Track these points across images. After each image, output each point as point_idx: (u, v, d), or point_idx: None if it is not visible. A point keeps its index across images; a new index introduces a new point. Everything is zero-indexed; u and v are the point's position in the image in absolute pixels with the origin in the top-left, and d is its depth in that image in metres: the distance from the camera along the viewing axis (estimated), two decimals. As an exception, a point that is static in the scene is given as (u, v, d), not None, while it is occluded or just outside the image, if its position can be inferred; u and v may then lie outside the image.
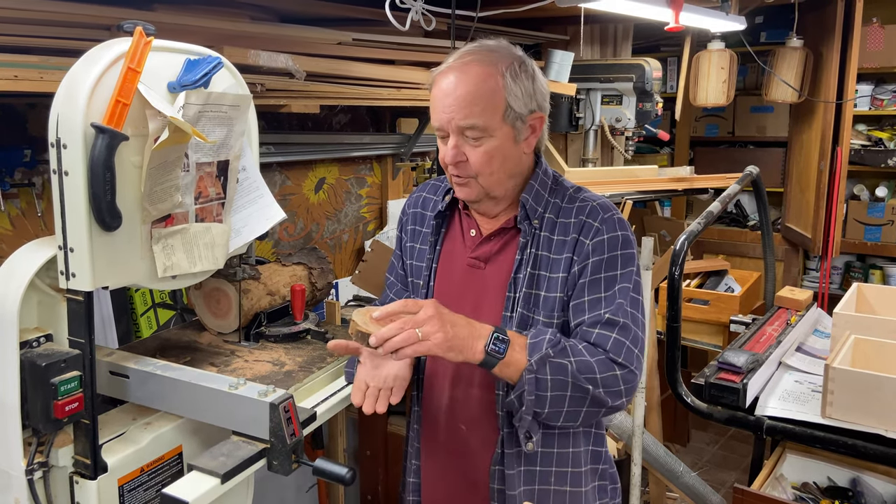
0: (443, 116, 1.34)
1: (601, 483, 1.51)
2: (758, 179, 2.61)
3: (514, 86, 1.33)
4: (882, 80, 4.36)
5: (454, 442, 1.49)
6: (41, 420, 1.15)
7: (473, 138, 1.33)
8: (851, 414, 1.74)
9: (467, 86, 1.31)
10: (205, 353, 1.57)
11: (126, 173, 1.16)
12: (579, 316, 1.37)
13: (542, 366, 1.29)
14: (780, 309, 2.59)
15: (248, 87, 1.39)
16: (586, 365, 1.31)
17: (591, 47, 3.49)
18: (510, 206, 1.46)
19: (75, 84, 1.10)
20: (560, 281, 1.39)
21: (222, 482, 1.13)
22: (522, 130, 1.37)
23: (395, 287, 1.63)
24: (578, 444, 1.45)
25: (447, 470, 1.51)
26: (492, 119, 1.32)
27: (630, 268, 1.39)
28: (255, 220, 1.48)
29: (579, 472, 1.45)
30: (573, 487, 1.45)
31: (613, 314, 1.35)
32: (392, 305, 1.29)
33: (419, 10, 2.05)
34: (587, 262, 1.37)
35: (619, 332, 1.34)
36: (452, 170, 1.39)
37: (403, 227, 1.62)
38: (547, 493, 1.43)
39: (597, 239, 1.37)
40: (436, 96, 1.36)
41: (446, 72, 1.34)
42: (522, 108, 1.34)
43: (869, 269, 4.52)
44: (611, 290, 1.36)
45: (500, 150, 1.35)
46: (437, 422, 1.51)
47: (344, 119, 2.74)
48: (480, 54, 1.34)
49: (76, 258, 1.14)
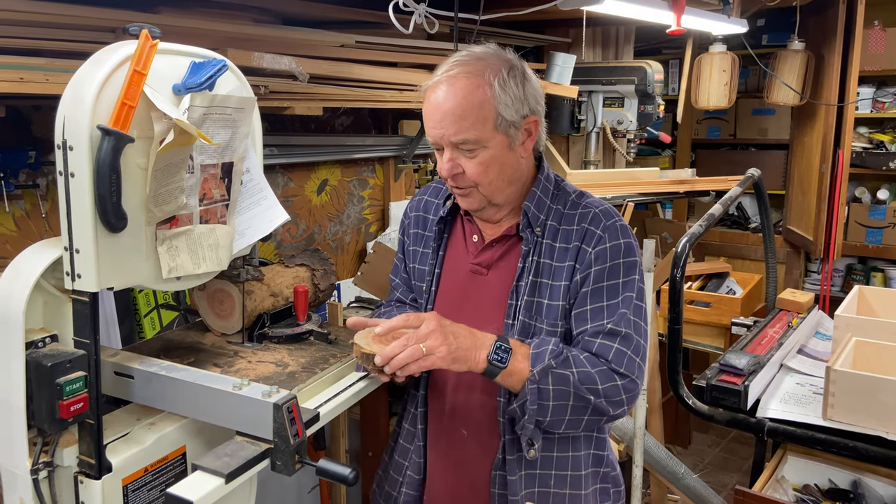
0: (435, 132, 1.35)
1: (603, 486, 1.51)
2: (759, 182, 2.62)
3: (503, 94, 1.32)
4: (883, 82, 4.36)
5: (456, 446, 1.50)
6: (46, 420, 1.15)
7: (468, 150, 1.33)
8: (852, 416, 1.74)
9: (455, 100, 1.31)
10: (208, 354, 1.58)
11: (131, 175, 1.16)
12: (581, 325, 1.37)
13: (544, 376, 1.30)
14: (782, 311, 2.59)
15: (252, 90, 1.40)
16: (588, 376, 1.32)
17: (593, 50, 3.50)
18: (512, 212, 1.46)
19: (81, 86, 1.11)
20: (562, 289, 1.39)
21: (226, 482, 1.13)
22: (517, 136, 1.36)
23: (400, 288, 1.64)
24: (579, 447, 1.46)
25: (448, 473, 1.51)
26: (482, 131, 1.31)
27: (633, 276, 1.39)
28: (259, 221, 1.49)
29: (579, 476, 1.46)
30: (573, 490, 1.45)
31: (616, 324, 1.35)
32: (393, 321, 1.31)
33: (422, 13, 2.06)
34: (590, 270, 1.37)
35: (621, 343, 1.34)
36: (451, 182, 1.39)
37: (405, 230, 1.62)
38: (547, 495, 1.44)
39: (599, 247, 1.37)
40: (427, 111, 1.36)
41: (434, 86, 1.34)
42: (514, 115, 1.33)
43: (870, 271, 4.53)
44: (614, 298, 1.36)
45: (496, 159, 1.35)
46: (439, 425, 1.52)
47: (346, 121, 2.75)
48: (467, 65, 1.33)
49: (82, 259, 1.14)
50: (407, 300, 1.62)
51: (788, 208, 4.44)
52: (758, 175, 2.60)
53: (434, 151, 1.42)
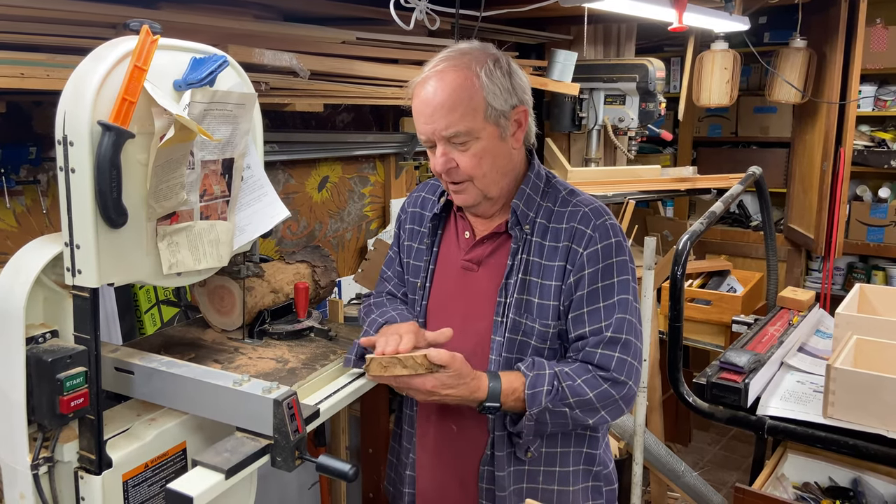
0: (426, 128, 1.35)
1: (595, 484, 1.51)
2: (761, 180, 2.62)
3: (491, 84, 1.32)
4: (885, 80, 4.35)
5: (445, 441, 1.51)
6: (47, 415, 1.15)
7: (460, 143, 1.34)
8: (853, 414, 1.74)
9: (445, 92, 1.31)
10: (209, 350, 1.58)
11: (132, 171, 1.16)
12: (579, 328, 1.39)
13: (542, 416, 1.36)
14: (783, 309, 2.59)
15: (252, 86, 1.40)
16: (586, 402, 1.36)
17: (595, 47, 3.49)
18: (505, 207, 1.46)
19: (82, 82, 1.11)
20: (554, 289, 1.39)
21: (226, 478, 1.14)
22: (507, 127, 1.37)
23: (392, 281, 1.65)
24: (569, 444, 1.48)
25: (437, 468, 1.53)
26: (474, 121, 1.32)
27: (626, 275, 1.40)
28: (260, 217, 1.49)
29: (567, 472, 1.47)
30: (561, 486, 1.47)
31: (616, 331, 1.37)
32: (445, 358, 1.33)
33: (423, 9, 2.06)
34: (583, 272, 1.38)
35: (622, 351, 1.37)
36: (446, 177, 1.40)
37: (402, 225, 1.63)
38: (535, 491, 1.46)
39: (591, 249, 1.37)
40: (416, 108, 1.36)
41: (422, 82, 1.35)
42: (503, 104, 1.34)
43: (871, 269, 4.52)
44: (609, 299, 1.38)
45: (489, 150, 1.35)
46: (429, 420, 1.53)
47: (347, 118, 2.75)
48: (453, 59, 1.34)
49: (82, 255, 1.14)
50: (398, 294, 1.64)
51: (790, 206, 4.43)
52: (759, 173, 2.59)
53: (427, 151, 1.42)
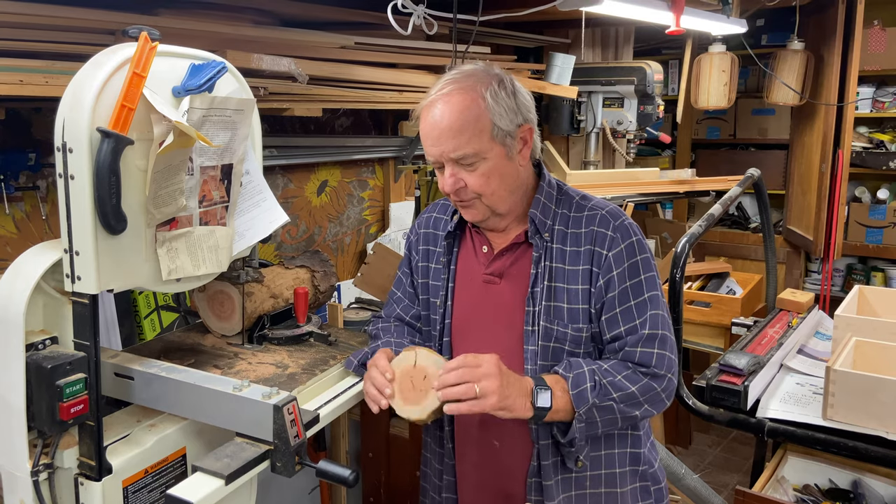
0: (434, 150, 1.37)
1: (643, 484, 1.52)
2: (759, 182, 2.62)
3: (497, 105, 1.35)
4: (883, 82, 4.36)
5: (488, 458, 1.50)
6: (46, 422, 1.15)
7: (468, 164, 1.36)
8: (852, 416, 1.74)
9: (452, 116, 1.34)
10: (208, 356, 1.58)
11: (131, 177, 1.16)
12: (614, 328, 1.41)
13: (591, 414, 1.35)
14: (782, 311, 2.59)
15: (251, 91, 1.40)
16: (629, 395, 1.37)
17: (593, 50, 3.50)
18: (517, 220, 1.48)
19: (81, 89, 1.11)
20: (582, 293, 1.41)
21: (226, 483, 1.14)
22: (514, 146, 1.39)
23: (402, 303, 1.65)
24: (613, 446, 1.48)
25: (482, 488, 1.51)
26: (481, 143, 1.34)
27: (651, 271, 1.44)
28: (259, 223, 1.49)
29: (614, 474, 1.47)
30: (609, 489, 1.47)
31: (652, 328, 1.40)
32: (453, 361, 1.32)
33: (421, 14, 2.06)
34: (611, 273, 1.40)
35: (660, 346, 1.40)
36: (454, 196, 1.42)
37: (413, 247, 1.63)
38: (583, 496, 1.45)
39: (615, 250, 1.40)
40: (424, 131, 1.38)
41: (429, 105, 1.37)
42: (509, 124, 1.37)
43: (871, 271, 4.52)
44: (639, 297, 1.41)
45: (497, 170, 1.38)
46: (468, 438, 1.52)
47: (346, 122, 2.75)
48: (459, 82, 1.36)
49: (81, 261, 1.14)
50: (407, 316, 1.63)
51: (788, 208, 4.44)
52: (758, 175, 2.60)
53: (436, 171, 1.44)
